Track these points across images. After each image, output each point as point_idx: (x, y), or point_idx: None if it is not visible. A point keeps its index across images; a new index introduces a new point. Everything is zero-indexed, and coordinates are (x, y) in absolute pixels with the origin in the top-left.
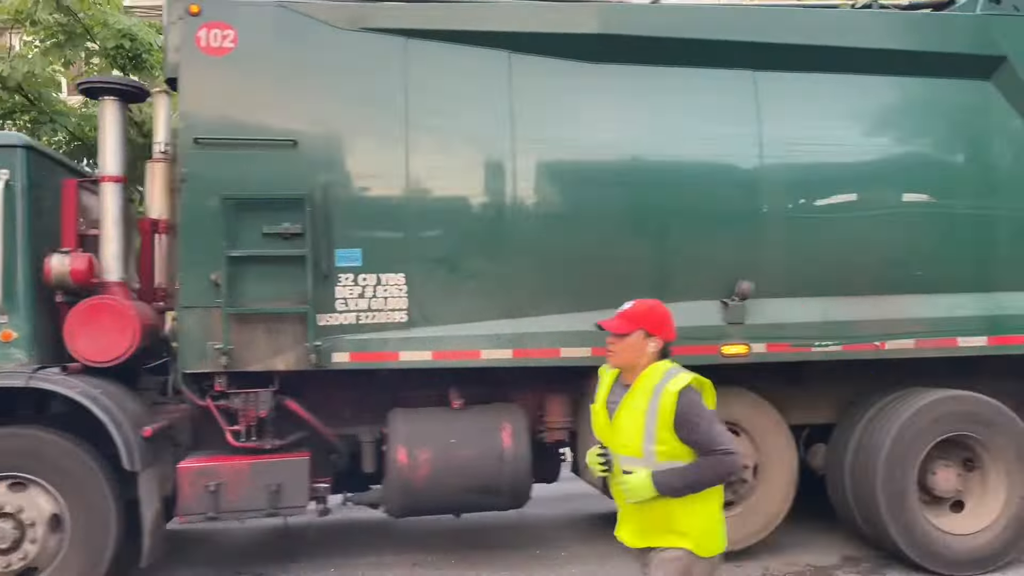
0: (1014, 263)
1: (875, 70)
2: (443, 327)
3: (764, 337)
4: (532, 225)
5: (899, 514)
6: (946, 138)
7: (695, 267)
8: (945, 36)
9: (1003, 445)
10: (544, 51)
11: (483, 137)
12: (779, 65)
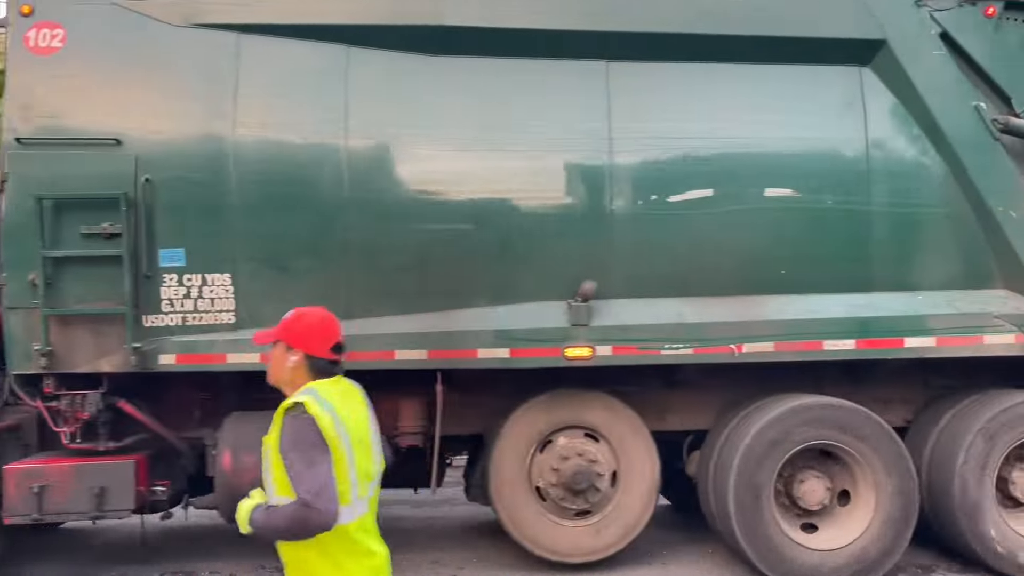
0: (888, 262)
1: (741, 58)
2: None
3: (610, 339)
4: (364, 224)
5: (750, 525)
6: (816, 130)
7: (539, 267)
8: (820, 20)
9: (870, 456)
10: (384, 44)
11: (315, 133)
12: (636, 55)
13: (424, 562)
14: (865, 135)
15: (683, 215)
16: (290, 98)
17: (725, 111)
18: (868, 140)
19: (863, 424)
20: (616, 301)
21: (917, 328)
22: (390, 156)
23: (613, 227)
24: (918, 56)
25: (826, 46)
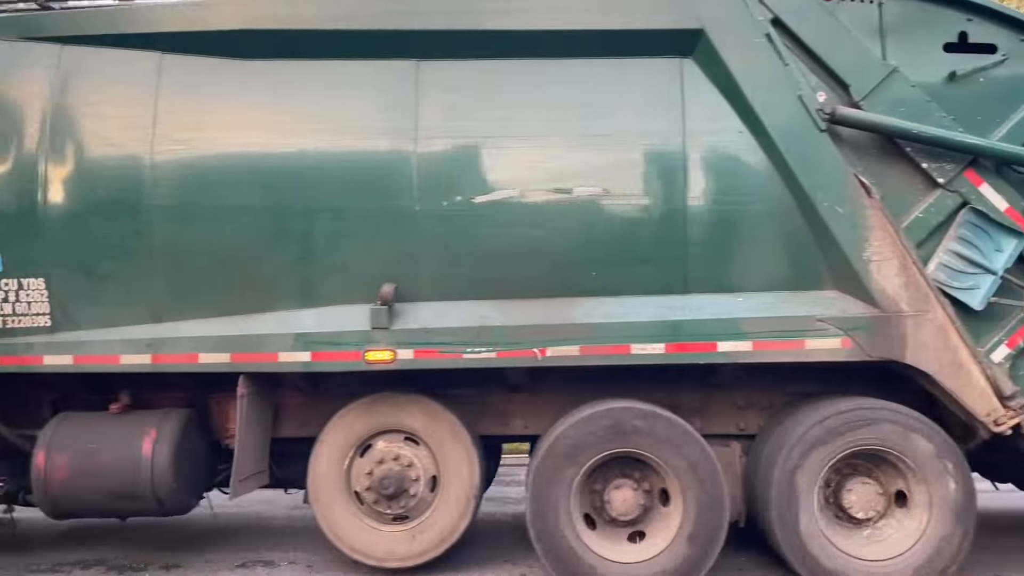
0: (706, 263)
1: (557, 53)
2: (86, 332)
3: (412, 343)
4: (168, 228)
5: (545, 537)
6: (631, 126)
7: (342, 270)
8: (631, 11)
9: (675, 463)
10: (194, 50)
11: (123, 140)
12: (445, 53)
13: (284, 560)
14: (683, 130)
15: (489, 216)
16: (102, 106)
17: (531, 108)
18: (685, 135)
19: (665, 430)
20: (421, 304)
21: (732, 332)
22: (195, 161)
23: (418, 228)
24: (738, 45)
25: (641, 38)
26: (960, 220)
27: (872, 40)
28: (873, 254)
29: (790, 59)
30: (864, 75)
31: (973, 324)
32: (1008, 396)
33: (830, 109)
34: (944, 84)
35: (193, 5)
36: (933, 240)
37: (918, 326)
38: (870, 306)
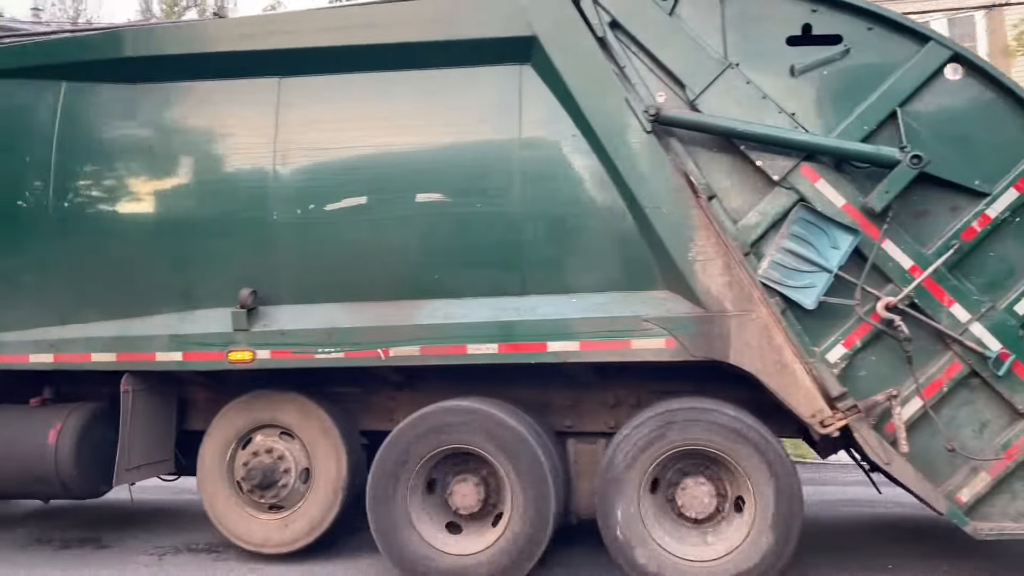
0: (540, 265)
1: (403, 65)
2: (21, 332)
3: (269, 344)
4: (69, 240)
5: (383, 526)
6: (468, 133)
7: (212, 275)
8: (465, 22)
9: (505, 462)
10: (94, 78)
11: (30, 164)
12: (302, 70)
13: (177, 544)
14: (519, 136)
15: (339, 223)
16: (13, 135)
17: (380, 119)
18: (520, 141)
19: (498, 429)
20: (279, 307)
21: (561, 332)
22: (95, 182)
23: (277, 236)
24: (568, 50)
25: (478, 47)
26: (793, 217)
27: (715, 37)
28: (698, 254)
29: (628, 61)
30: (698, 74)
31: (811, 324)
32: (836, 397)
33: (654, 111)
34: (788, 79)
35: (91, 38)
36: (770, 238)
37: (741, 326)
38: (695, 306)
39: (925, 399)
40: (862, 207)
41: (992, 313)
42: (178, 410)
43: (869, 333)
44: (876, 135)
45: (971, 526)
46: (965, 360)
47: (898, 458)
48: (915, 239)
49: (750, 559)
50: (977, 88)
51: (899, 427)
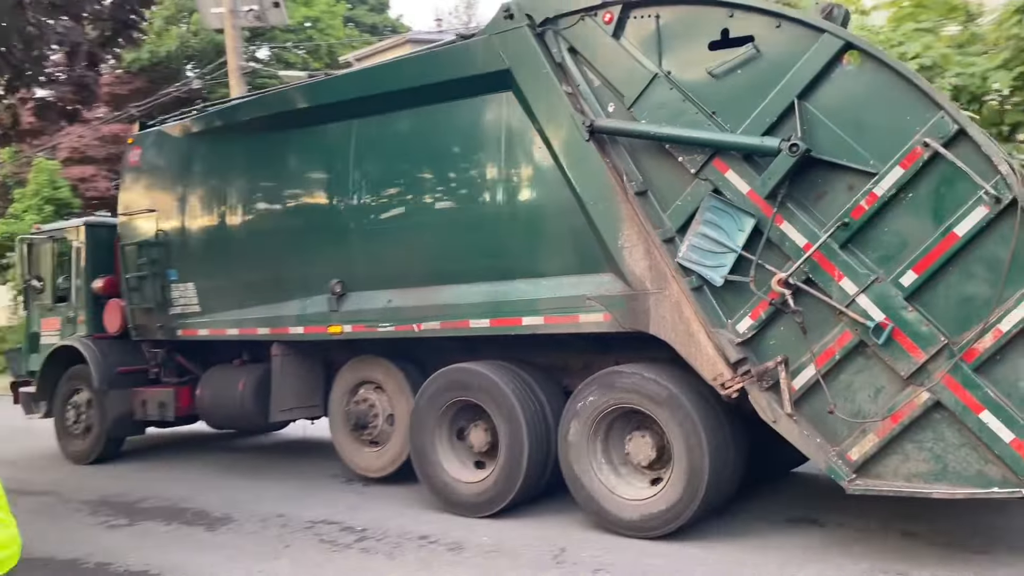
0: (521, 255)
1: (422, 102)
2: (231, 313)
3: (351, 320)
4: (240, 250)
5: (424, 466)
6: (472, 151)
7: (318, 270)
8: (465, 61)
9: (495, 412)
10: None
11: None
12: (366, 112)
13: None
14: (502, 151)
15: (387, 229)
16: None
17: (410, 147)
18: (504, 156)
19: (488, 386)
20: (358, 293)
21: (531, 309)
22: (255, 209)
23: (353, 240)
24: (531, 76)
25: (472, 83)
26: (705, 204)
27: (652, 51)
28: (625, 242)
29: (583, 79)
30: (632, 85)
31: (727, 298)
32: (734, 363)
33: (589, 123)
34: (710, 80)
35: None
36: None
37: (658, 302)
38: (625, 286)
39: (818, 367)
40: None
41: (877, 285)
42: (327, 368)
43: (770, 306)
44: (781, 125)
45: (845, 482)
46: (854, 330)
47: (784, 417)
48: (815, 219)
49: (667, 501)
50: (870, 74)
51: (784, 390)
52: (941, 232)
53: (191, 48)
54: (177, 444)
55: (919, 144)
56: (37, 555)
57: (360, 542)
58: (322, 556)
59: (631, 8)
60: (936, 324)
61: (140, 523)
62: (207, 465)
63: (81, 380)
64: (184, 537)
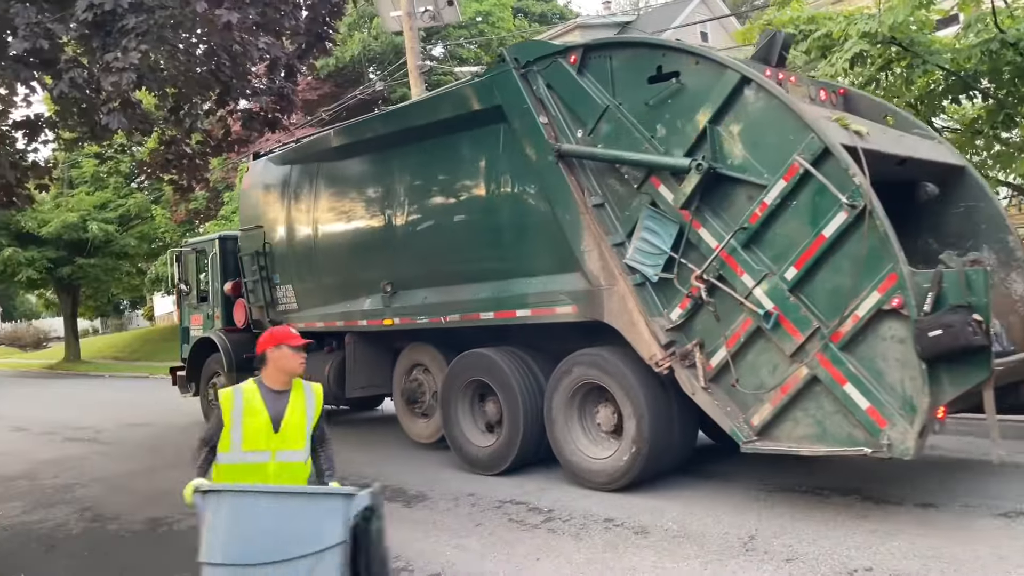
0: (519, 258)
1: (441, 133)
2: (318, 310)
3: (399, 314)
4: (322, 260)
5: (450, 430)
6: (479, 175)
7: (375, 273)
8: (473, 100)
9: (498, 390)
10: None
11: (362, 212)
12: (404, 143)
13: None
14: (499, 174)
15: (421, 238)
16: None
17: (433, 171)
18: (500, 178)
19: (491, 367)
20: (403, 292)
21: (521, 303)
22: (327, 226)
23: (397, 248)
24: (516, 110)
25: (474, 117)
26: (644, 214)
27: (608, 86)
28: (585, 246)
29: (557, 111)
30: (590, 115)
31: (666, 292)
32: (665, 345)
33: (555, 147)
34: (648, 109)
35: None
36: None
37: (609, 296)
38: (587, 283)
39: (728, 348)
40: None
41: (769, 279)
42: (393, 354)
43: (691, 298)
44: (699, 145)
45: (743, 443)
46: (753, 317)
47: (699, 390)
48: (724, 224)
49: (621, 461)
50: (763, 102)
51: (699, 368)
52: (814, 234)
53: (373, 51)
54: (357, 424)
55: (796, 160)
56: None
57: (547, 522)
58: (511, 535)
59: (591, 51)
60: (813, 311)
61: None
62: (391, 446)
63: (218, 365)
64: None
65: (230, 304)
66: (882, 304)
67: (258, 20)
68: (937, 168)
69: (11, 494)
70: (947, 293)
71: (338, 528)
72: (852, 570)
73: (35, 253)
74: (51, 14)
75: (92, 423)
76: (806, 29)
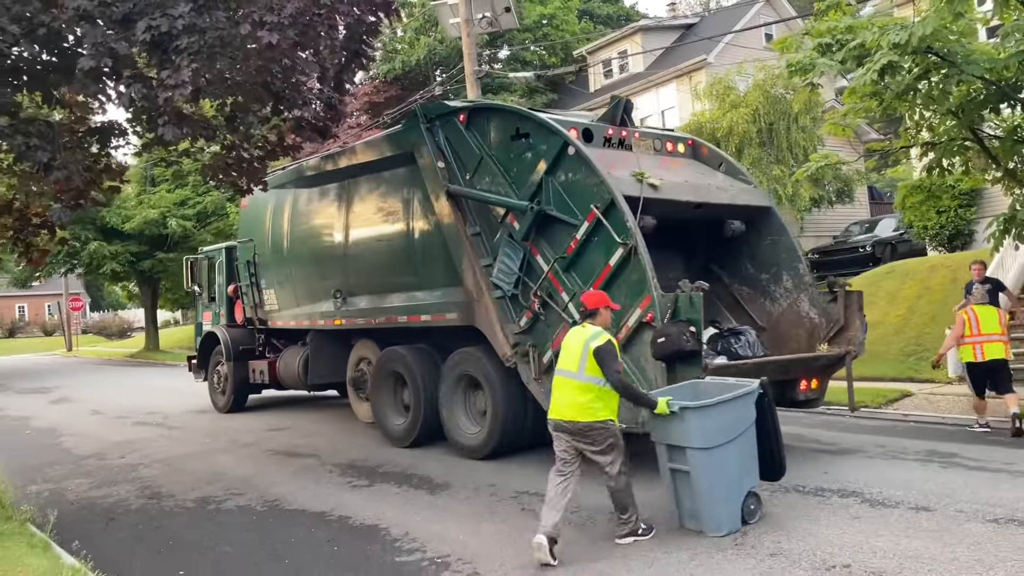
0: (427, 275)
1: (371, 171)
2: (291, 310)
3: (347, 316)
4: (295, 267)
5: (378, 411)
6: (396, 203)
7: (330, 283)
8: (394, 146)
9: (414, 379)
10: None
11: (321, 232)
12: (348, 176)
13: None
14: (411, 208)
15: (360, 255)
16: (310, 216)
17: (365, 203)
18: (411, 209)
19: (404, 361)
20: (351, 298)
21: (425, 311)
22: (300, 241)
23: (344, 263)
24: (421, 157)
25: (394, 160)
26: (504, 242)
27: (485, 140)
28: (464, 267)
29: (451, 158)
30: (472, 162)
31: (517, 305)
32: (513, 345)
33: (446, 188)
34: (511, 159)
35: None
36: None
37: (479, 306)
38: (465, 296)
39: (553, 348)
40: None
41: (578, 295)
42: (347, 349)
43: (531, 310)
44: (540, 191)
45: None
46: (569, 325)
47: (532, 381)
48: (553, 252)
49: (484, 434)
50: (577, 162)
51: (532, 364)
52: (604, 264)
53: (438, 55)
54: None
55: (593, 208)
56: (294, 506)
57: None
58: (520, 522)
59: (474, 112)
60: None
61: (377, 484)
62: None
63: (221, 355)
64: (410, 498)
65: (232, 304)
66: (642, 318)
67: (297, 40)
68: (742, 209)
69: (81, 471)
70: (680, 310)
71: (753, 410)
72: (831, 566)
73: (119, 247)
74: (116, 34)
75: (162, 409)
76: (843, 39)
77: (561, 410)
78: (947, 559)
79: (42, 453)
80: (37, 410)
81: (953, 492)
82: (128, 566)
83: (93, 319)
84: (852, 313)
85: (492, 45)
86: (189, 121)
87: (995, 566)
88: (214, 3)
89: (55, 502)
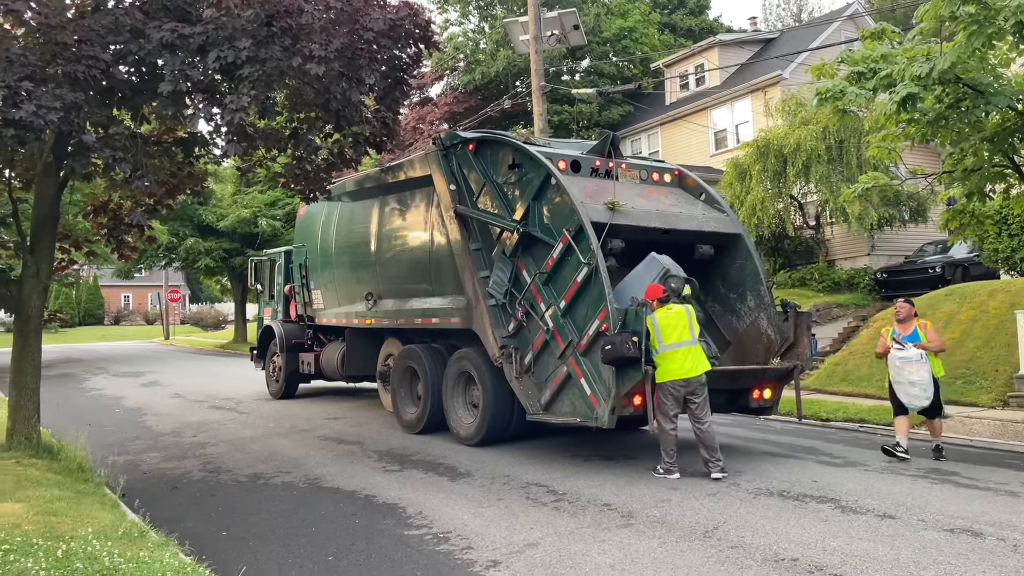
0: (437, 283)
1: (400, 190)
2: (333, 309)
3: (376, 316)
4: (338, 272)
5: (397, 402)
6: (418, 219)
7: (364, 286)
8: (417, 170)
9: (421, 373)
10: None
11: (359, 241)
12: (382, 193)
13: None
14: (427, 224)
15: (389, 262)
16: (351, 225)
17: (388, 217)
18: (428, 225)
19: (417, 358)
20: (381, 300)
21: (434, 314)
22: (339, 250)
23: (376, 269)
24: (438, 180)
25: (417, 181)
26: (499, 257)
27: (489, 168)
28: (465, 277)
29: (461, 181)
30: (477, 186)
31: (507, 313)
32: (501, 347)
33: (454, 207)
34: (508, 185)
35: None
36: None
37: (476, 312)
38: (467, 302)
39: (534, 351)
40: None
41: (553, 306)
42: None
43: (516, 318)
44: (529, 214)
45: (529, 414)
46: (545, 332)
47: (514, 379)
48: (536, 268)
49: (476, 424)
50: (556, 190)
51: (513, 364)
52: (573, 279)
53: (517, 67)
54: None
55: (566, 232)
56: (331, 485)
57: (556, 502)
58: (522, 509)
59: (482, 143)
60: (572, 329)
61: (407, 470)
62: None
63: (276, 347)
64: (432, 484)
65: (288, 302)
66: (599, 328)
67: (342, 71)
68: (710, 235)
69: (157, 447)
70: (628, 322)
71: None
72: (780, 559)
73: (213, 243)
74: (191, 63)
75: (236, 395)
76: (876, 67)
77: (699, 368)
78: (889, 559)
79: (127, 429)
80: (129, 392)
81: (925, 505)
82: (180, 525)
83: (191, 310)
84: (801, 331)
85: (573, 57)
86: (250, 137)
87: (929, 567)
88: (271, 39)
89: (131, 471)
